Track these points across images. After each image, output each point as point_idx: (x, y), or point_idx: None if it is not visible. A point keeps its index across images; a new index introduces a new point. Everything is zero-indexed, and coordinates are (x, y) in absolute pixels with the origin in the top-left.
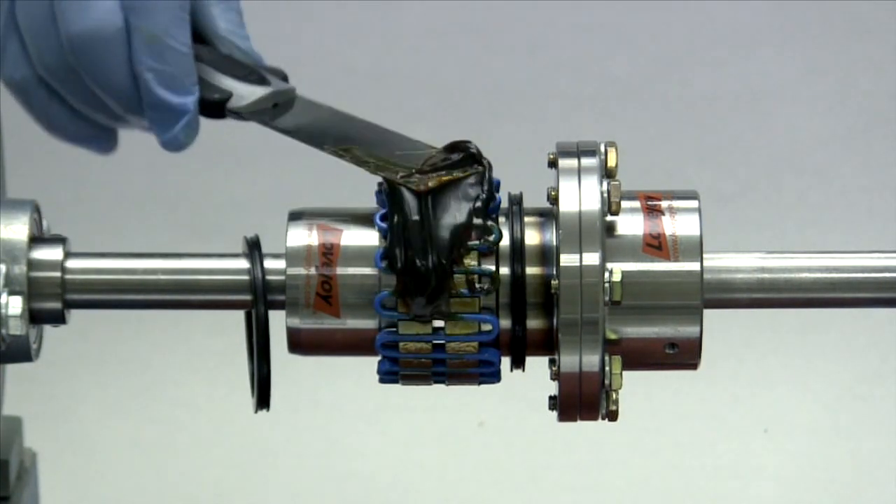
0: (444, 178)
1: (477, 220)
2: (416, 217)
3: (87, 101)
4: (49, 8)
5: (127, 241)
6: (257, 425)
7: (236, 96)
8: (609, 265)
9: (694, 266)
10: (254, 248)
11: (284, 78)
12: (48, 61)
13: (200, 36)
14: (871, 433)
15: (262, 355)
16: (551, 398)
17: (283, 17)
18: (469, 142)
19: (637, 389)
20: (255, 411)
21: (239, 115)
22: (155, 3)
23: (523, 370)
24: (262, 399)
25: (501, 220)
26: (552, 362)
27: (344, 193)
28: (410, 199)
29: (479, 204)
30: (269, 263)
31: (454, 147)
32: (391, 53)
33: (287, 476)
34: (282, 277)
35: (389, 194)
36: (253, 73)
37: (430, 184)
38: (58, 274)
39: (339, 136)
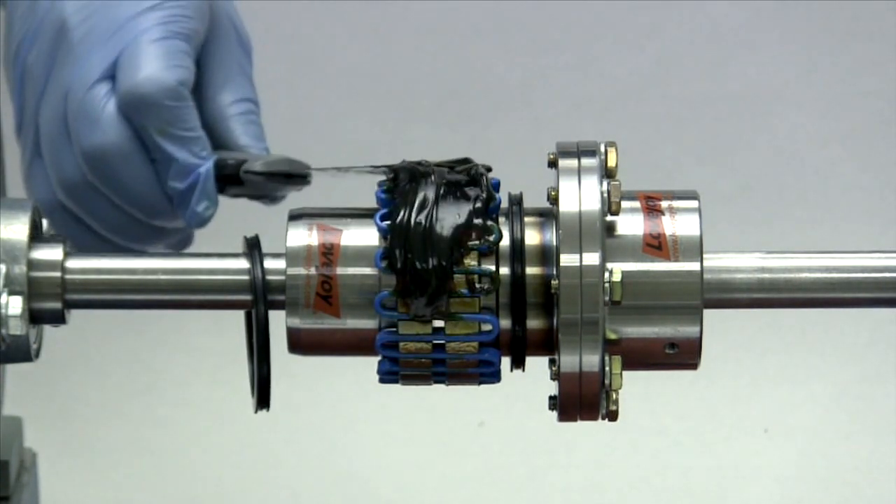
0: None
1: (477, 221)
2: (416, 217)
3: (107, 222)
4: (65, 128)
5: None
6: (257, 425)
7: (250, 161)
8: (609, 265)
9: (694, 266)
10: (254, 248)
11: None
12: (68, 182)
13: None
14: (871, 433)
15: (262, 355)
16: (551, 398)
17: (284, 17)
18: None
19: (637, 389)
20: (255, 411)
21: (255, 174)
22: (150, 103)
23: (523, 370)
24: (262, 399)
25: (501, 220)
26: (552, 362)
27: (344, 193)
28: (411, 200)
29: (479, 204)
30: (269, 263)
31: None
32: (391, 53)
33: (287, 476)
34: (282, 277)
35: (391, 194)
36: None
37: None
38: (58, 274)
39: None
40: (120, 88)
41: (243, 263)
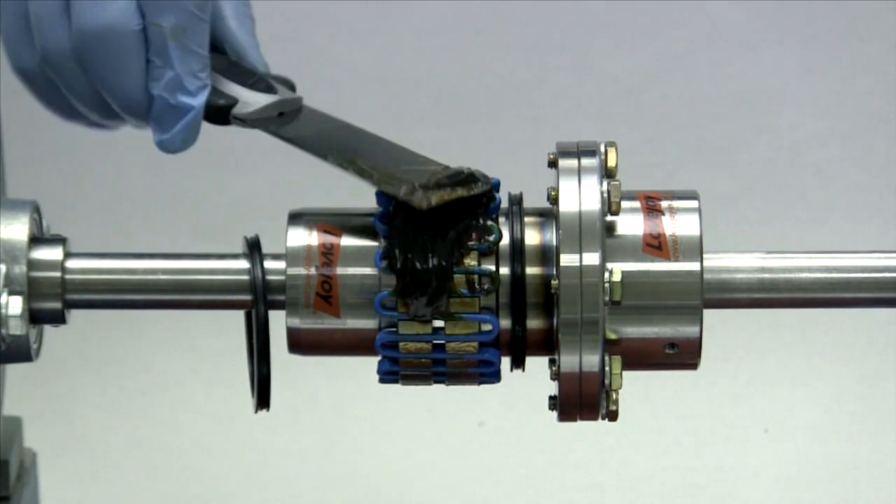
0: (447, 197)
1: (477, 221)
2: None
3: (85, 99)
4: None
5: (127, 241)
6: (257, 425)
7: (242, 103)
8: (609, 265)
9: (694, 266)
10: (254, 249)
11: (292, 87)
12: (54, 54)
13: (210, 39)
14: (871, 433)
15: (262, 355)
16: (551, 398)
17: (284, 17)
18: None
19: (637, 389)
20: (255, 411)
21: (243, 121)
22: (175, 2)
23: (523, 370)
24: (262, 399)
25: (501, 220)
26: (552, 362)
27: (344, 193)
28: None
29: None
30: (269, 263)
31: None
32: (391, 53)
33: (287, 476)
34: (282, 277)
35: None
36: (260, 81)
37: (433, 201)
38: (58, 274)
39: (343, 147)
40: None
41: (243, 264)
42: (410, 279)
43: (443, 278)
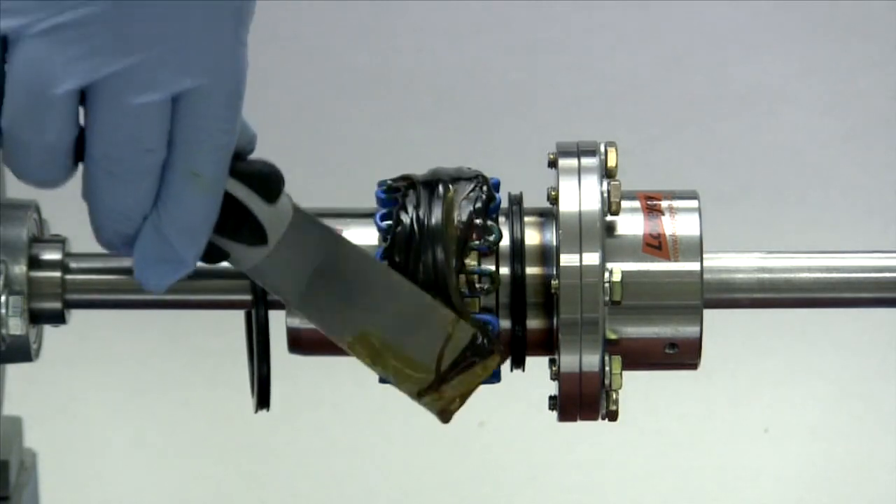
0: (465, 396)
1: (477, 221)
2: (416, 217)
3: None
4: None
5: None
6: (257, 425)
7: (234, 259)
8: (609, 265)
9: (694, 266)
10: None
11: (279, 180)
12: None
13: None
14: (871, 433)
15: (262, 355)
16: (551, 398)
17: (284, 17)
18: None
19: (637, 389)
20: (255, 411)
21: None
22: (204, 143)
23: (523, 370)
24: (262, 399)
25: (501, 219)
26: (552, 362)
27: (344, 193)
28: (411, 201)
29: (479, 204)
30: None
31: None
32: (391, 53)
33: (287, 476)
34: None
35: (391, 194)
36: (246, 220)
37: (453, 408)
38: (58, 274)
39: (343, 288)
40: None
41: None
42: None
43: (443, 279)
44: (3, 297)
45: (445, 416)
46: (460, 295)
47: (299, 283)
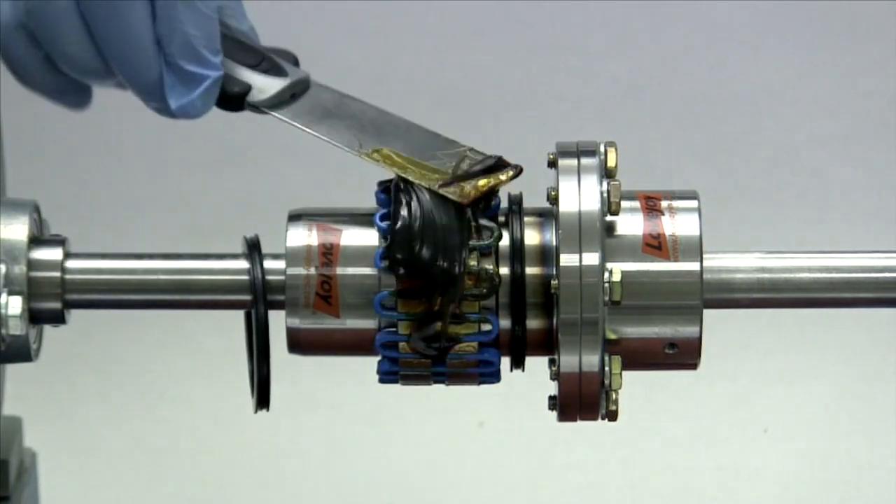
0: (483, 186)
1: (476, 221)
2: (416, 218)
3: (75, 59)
4: None
5: (127, 241)
6: (258, 425)
7: (255, 89)
8: (609, 265)
9: (694, 266)
10: (253, 249)
11: (295, 61)
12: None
13: None
14: (871, 433)
15: (261, 355)
16: (551, 398)
17: (284, 17)
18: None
19: (637, 390)
20: (255, 411)
21: (258, 108)
22: None
23: (523, 370)
24: (262, 399)
25: (501, 219)
26: (552, 362)
27: (344, 193)
28: (411, 200)
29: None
30: (268, 263)
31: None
32: (391, 53)
33: (288, 476)
34: (282, 277)
35: (394, 195)
36: (265, 59)
37: (472, 193)
38: (58, 274)
39: (364, 131)
40: None
41: (243, 264)
42: (419, 280)
43: (445, 278)
44: (3, 298)
45: (464, 199)
46: (464, 295)
47: (314, 118)
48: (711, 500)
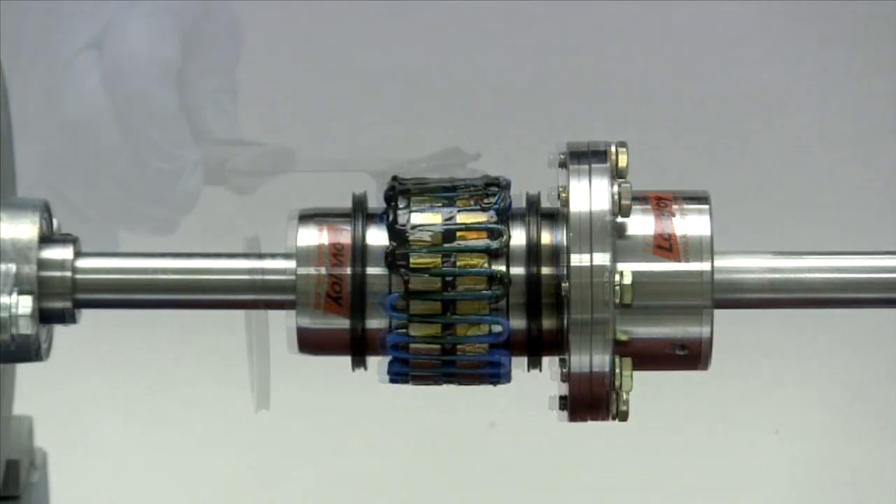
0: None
1: (487, 221)
2: (425, 218)
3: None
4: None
5: (133, 240)
6: (266, 425)
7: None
8: (619, 266)
9: (704, 267)
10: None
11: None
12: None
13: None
14: (882, 434)
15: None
16: (561, 398)
17: (284, 17)
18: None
19: (647, 390)
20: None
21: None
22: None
23: (540, 370)
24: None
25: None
26: (562, 363)
27: (348, 194)
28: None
29: (488, 205)
30: (278, 263)
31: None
32: (393, 53)
33: (295, 476)
34: (292, 277)
35: (394, 196)
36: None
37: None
38: (68, 273)
39: None
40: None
41: (254, 263)
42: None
43: (450, 279)
44: (13, 297)
45: None
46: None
47: None
48: (722, 501)
